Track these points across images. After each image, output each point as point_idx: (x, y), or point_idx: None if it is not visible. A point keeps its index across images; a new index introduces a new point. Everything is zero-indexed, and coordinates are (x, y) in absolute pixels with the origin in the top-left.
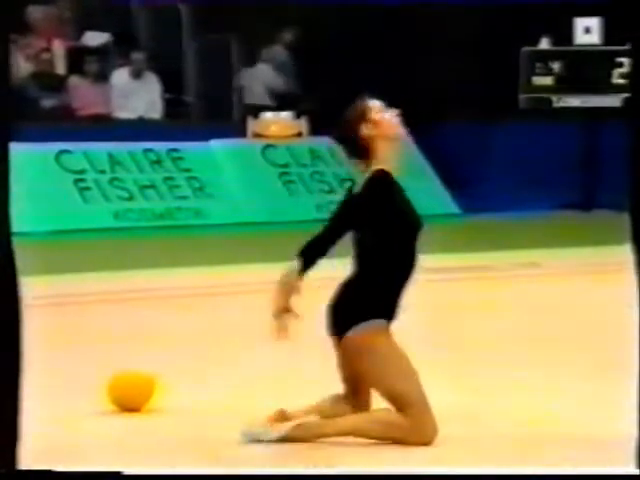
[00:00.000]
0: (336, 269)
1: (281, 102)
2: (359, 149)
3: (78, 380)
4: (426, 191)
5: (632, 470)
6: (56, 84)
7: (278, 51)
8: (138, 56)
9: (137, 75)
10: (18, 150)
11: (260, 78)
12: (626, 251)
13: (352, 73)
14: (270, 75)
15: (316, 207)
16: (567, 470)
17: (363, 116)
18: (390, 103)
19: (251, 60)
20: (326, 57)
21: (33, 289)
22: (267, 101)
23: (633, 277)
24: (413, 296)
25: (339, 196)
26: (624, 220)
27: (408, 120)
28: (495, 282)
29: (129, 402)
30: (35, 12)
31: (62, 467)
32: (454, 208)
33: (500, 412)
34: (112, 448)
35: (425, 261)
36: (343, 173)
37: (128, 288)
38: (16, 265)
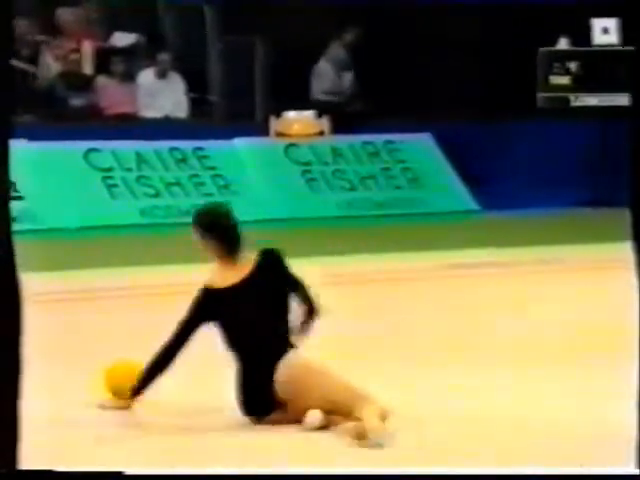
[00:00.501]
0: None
1: (341, 100)
2: None
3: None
4: (445, 188)
5: (632, 470)
6: (84, 84)
7: (337, 50)
8: (163, 57)
9: (162, 75)
10: (47, 148)
11: (321, 76)
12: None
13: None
14: (330, 73)
15: (337, 204)
16: (567, 470)
17: None
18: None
19: (274, 60)
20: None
21: (62, 284)
22: (327, 97)
23: None
24: (433, 292)
25: (360, 194)
26: None
27: (428, 118)
28: (513, 278)
29: (125, 392)
30: (64, 14)
31: (62, 467)
32: (473, 205)
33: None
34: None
35: (444, 257)
36: (364, 171)
37: (155, 283)
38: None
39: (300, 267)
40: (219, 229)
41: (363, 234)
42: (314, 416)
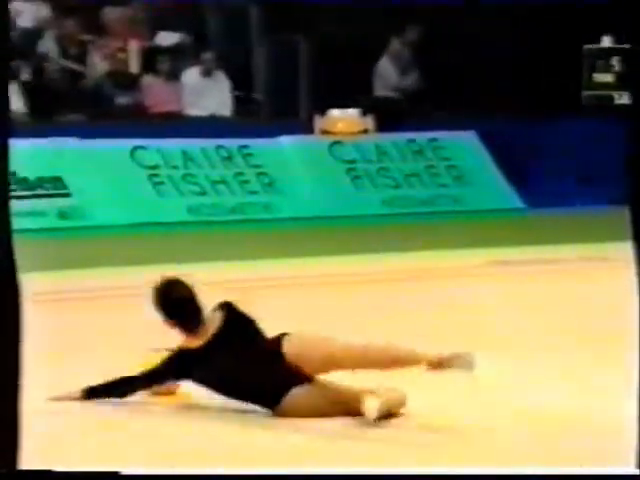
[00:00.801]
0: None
1: (402, 96)
2: None
3: None
4: (490, 186)
5: (632, 470)
6: (130, 83)
7: (398, 48)
8: (208, 56)
9: (207, 74)
10: (94, 146)
11: (381, 73)
12: None
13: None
14: (390, 70)
15: (382, 202)
16: (567, 470)
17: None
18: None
19: (319, 58)
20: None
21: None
22: (387, 94)
23: None
24: (477, 289)
25: (404, 191)
26: None
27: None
28: (559, 275)
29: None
30: (111, 13)
31: (63, 467)
32: (518, 203)
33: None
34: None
35: (489, 255)
36: (408, 169)
37: (201, 280)
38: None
39: (344, 265)
40: (175, 313)
41: (407, 232)
42: (373, 407)
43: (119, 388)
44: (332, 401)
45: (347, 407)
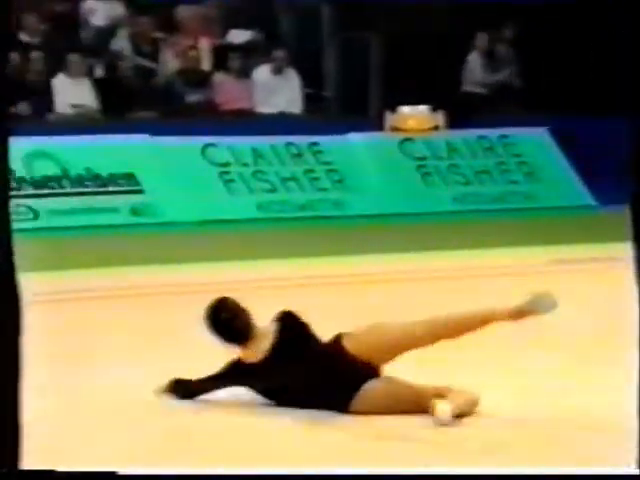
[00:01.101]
0: None
1: (489, 92)
2: None
3: None
4: (561, 183)
5: (632, 470)
6: (201, 80)
7: (488, 44)
8: (279, 54)
9: (278, 71)
10: (166, 143)
11: (470, 68)
12: None
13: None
14: (478, 65)
15: (452, 199)
16: (567, 470)
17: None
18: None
19: (389, 55)
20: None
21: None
22: (476, 89)
23: None
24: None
25: (475, 188)
26: None
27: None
28: (630, 274)
29: None
30: (183, 11)
31: (64, 467)
32: (590, 200)
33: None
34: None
35: (560, 252)
36: (479, 166)
37: (273, 276)
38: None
39: (415, 262)
40: (226, 332)
41: (478, 229)
42: (444, 410)
43: (192, 388)
44: (403, 397)
45: (418, 404)
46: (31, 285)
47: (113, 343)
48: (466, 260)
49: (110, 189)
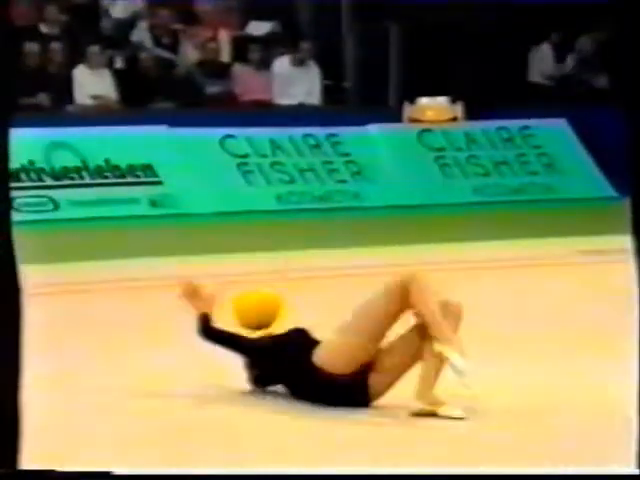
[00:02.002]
0: None
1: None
2: None
3: None
4: (582, 174)
5: (632, 470)
6: (221, 71)
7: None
8: (305, 45)
9: (300, 63)
10: (185, 134)
11: (539, 60)
12: None
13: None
14: (548, 57)
15: (471, 190)
16: (567, 470)
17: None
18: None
19: (408, 46)
20: None
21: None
22: (544, 81)
23: None
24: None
25: (494, 179)
26: None
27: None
28: None
29: (256, 321)
30: (203, 3)
31: (63, 467)
32: (611, 191)
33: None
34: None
35: (581, 244)
36: (499, 157)
37: (291, 267)
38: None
39: (434, 253)
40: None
41: (497, 220)
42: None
43: (212, 330)
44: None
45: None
46: (50, 276)
47: (132, 335)
48: (485, 252)
49: (129, 180)
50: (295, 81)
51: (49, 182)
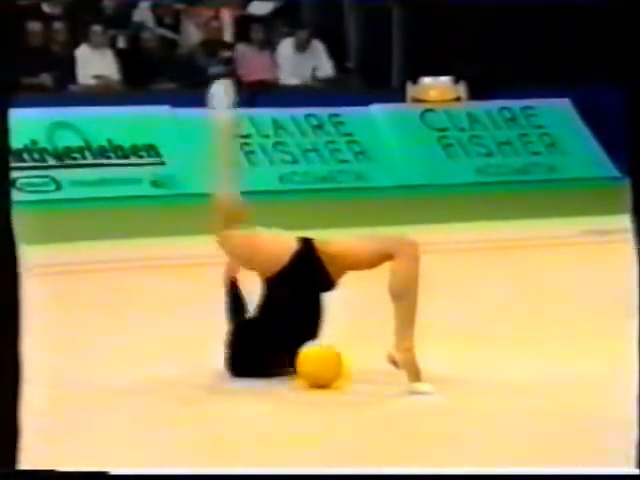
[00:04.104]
0: None
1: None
2: None
3: None
4: (585, 154)
5: (632, 470)
6: (223, 51)
7: None
8: (302, 35)
9: (302, 48)
10: (187, 115)
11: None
12: None
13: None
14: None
15: (474, 170)
16: (567, 470)
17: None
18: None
19: (411, 26)
20: None
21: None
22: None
23: None
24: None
25: (497, 159)
26: None
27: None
28: None
29: (318, 379)
30: None
31: (63, 467)
32: (614, 172)
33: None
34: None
35: (584, 224)
36: (501, 137)
37: None
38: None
39: (437, 233)
40: None
41: (500, 200)
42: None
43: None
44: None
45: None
46: (52, 257)
47: (134, 312)
48: (489, 232)
49: (131, 160)
50: (299, 62)
51: (51, 162)
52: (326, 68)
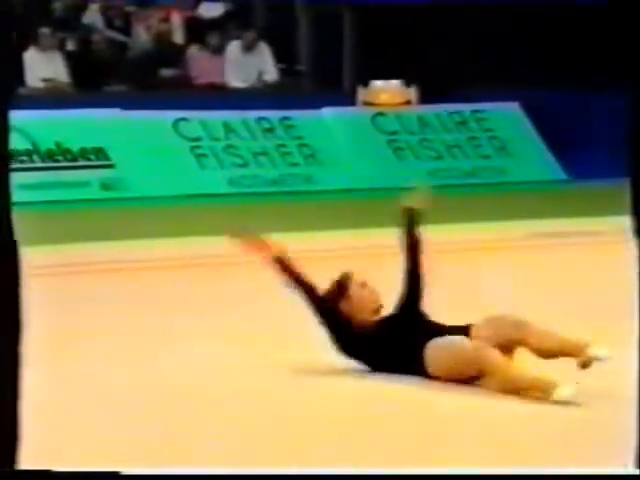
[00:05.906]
0: None
1: None
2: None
3: None
4: (533, 157)
5: (632, 470)
6: (174, 54)
7: None
8: (249, 35)
9: (249, 49)
10: (138, 117)
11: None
12: None
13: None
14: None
15: (426, 173)
16: (567, 470)
17: (342, 292)
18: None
19: (362, 30)
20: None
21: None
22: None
23: None
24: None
25: (447, 162)
26: None
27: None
28: (602, 247)
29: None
30: None
31: (63, 467)
32: (561, 174)
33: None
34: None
35: (532, 226)
36: (451, 140)
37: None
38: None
39: (387, 237)
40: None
41: (449, 203)
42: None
43: (299, 281)
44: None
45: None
46: None
47: (85, 319)
48: (438, 235)
49: (80, 163)
50: (247, 65)
51: None
52: (271, 72)
